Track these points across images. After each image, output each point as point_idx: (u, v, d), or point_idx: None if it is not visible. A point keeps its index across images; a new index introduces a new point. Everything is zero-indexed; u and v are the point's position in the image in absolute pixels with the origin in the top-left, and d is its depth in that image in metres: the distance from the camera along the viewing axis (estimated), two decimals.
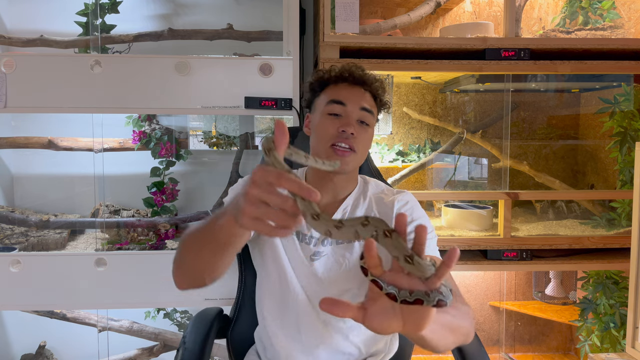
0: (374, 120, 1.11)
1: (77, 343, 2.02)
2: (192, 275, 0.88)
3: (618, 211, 1.86)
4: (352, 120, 1.05)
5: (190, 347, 1.07)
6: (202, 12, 2.03)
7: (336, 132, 1.03)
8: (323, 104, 1.09)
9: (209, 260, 0.82)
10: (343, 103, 1.06)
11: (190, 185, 2.04)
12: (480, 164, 2.11)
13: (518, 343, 2.22)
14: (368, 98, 1.09)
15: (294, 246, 1.07)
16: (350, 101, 1.06)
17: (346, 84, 1.09)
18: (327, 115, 1.06)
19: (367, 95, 1.09)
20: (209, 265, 0.84)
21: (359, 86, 1.09)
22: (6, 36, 1.85)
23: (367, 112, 1.07)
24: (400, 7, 2.12)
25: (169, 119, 1.97)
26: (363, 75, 1.09)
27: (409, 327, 0.60)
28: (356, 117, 1.06)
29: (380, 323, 0.60)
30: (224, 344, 1.31)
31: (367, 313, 0.61)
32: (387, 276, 0.61)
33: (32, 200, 2.00)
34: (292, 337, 1.05)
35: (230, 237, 0.75)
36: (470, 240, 1.72)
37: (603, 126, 1.92)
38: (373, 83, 1.10)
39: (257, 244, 1.12)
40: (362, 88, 1.09)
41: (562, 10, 1.99)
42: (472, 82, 1.81)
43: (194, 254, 0.84)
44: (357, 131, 1.04)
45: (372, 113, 1.09)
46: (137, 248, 1.77)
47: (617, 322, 1.79)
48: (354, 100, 1.06)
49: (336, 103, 1.06)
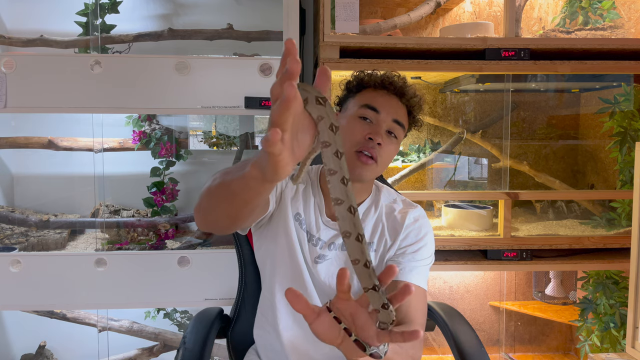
0: (403, 135, 1.08)
1: (77, 343, 2.02)
2: (213, 220, 0.85)
3: (618, 211, 1.86)
4: (381, 129, 1.02)
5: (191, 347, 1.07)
6: (202, 12, 2.03)
7: (363, 139, 1.01)
8: (356, 106, 1.06)
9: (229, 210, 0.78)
10: (377, 110, 1.03)
11: (190, 185, 2.04)
12: (480, 164, 2.11)
13: (518, 343, 2.22)
14: (402, 111, 1.06)
15: (305, 246, 1.06)
16: (385, 110, 1.03)
17: (384, 91, 1.06)
18: (357, 119, 1.04)
19: (403, 108, 1.07)
20: (230, 216, 0.80)
21: (396, 97, 1.06)
22: (6, 36, 1.85)
23: (398, 124, 1.04)
24: (400, 7, 2.12)
25: (169, 119, 1.97)
26: (404, 87, 1.06)
27: (344, 351, 0.70)
28: (386, 127, 1.03)
29: (324, 333, 0.68)
30: (224, 344, 1.31)
31: (318, 319, 0.68)
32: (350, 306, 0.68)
33: (32, 200, 2.00)
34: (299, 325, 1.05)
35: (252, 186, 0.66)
36: (470, 240, 1.72)
37: (603, 126, 1.92)
38: (412, 97, 1.07)
39: (266, 241, 1.10)
40: (400, 100, 1.06)
41: (562, 10, 1.99)
42: (472, 82, 1.82)
43: (214, 204, 0.79)
44: (384, 142, 1.01)
45: (403, 127, 1.06)
46: (137, 248, 1.77)
47: (617, 322, 1.79)
48: (388, 109, 1.04)
49: (370, 109, 1.03)
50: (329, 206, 1.07)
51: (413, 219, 1.08)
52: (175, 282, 1.62)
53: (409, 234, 1.07)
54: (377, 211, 1.09)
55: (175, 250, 1.73)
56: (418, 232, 1.07)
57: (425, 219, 1.11)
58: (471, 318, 2.19)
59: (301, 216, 1.06)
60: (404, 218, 1.07)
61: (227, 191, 0.73)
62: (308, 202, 1.08)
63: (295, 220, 1.06)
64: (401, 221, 1.07)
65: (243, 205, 0.73)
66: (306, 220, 1.06)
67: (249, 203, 0.73)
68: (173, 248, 1.77)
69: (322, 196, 1.08)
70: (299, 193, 1.08)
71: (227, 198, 0.74)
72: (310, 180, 1.11)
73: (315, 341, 0.71)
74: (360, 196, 1.09)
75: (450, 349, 1.09)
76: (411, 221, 1.08)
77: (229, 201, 0.74)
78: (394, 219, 1.09)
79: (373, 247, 1.08)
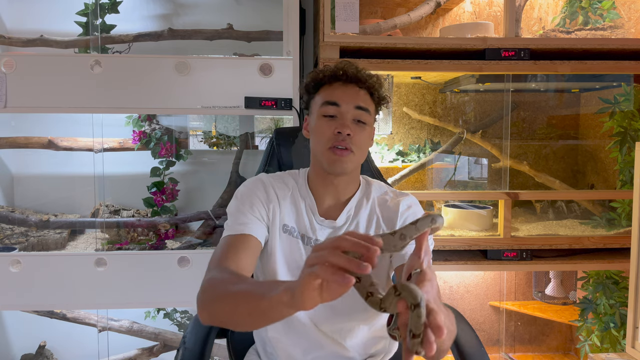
0: (372, 118, 1.08)
1: (77, 343, 2.02)
2: (221, 322, 0.87)
3: (618, 211, 1.86)
4: (347, 120, 1.02)
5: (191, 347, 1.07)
6: (202, 12, 2.03)
7: (332, 135, 1.02)
8: (318, 105, 1.06)
9: (244, 320, 0.82)
10: (337, 104, 1.03)
11: (190, 185, 2.04)
12: (480, 164, 2.11)
13: (518, 343, 2.22)
14: (363, 96, 1.06)
15: (299, 252, 1.05)
16: (344, 101, 1.03)
17: (340, 83, 1.06)
18: (322, 118, 1.04)
19: (362, 92, 1.06)
20: (242, 325, 0.85)
21: (353, 84, 1.05)
22: (6, 36, 1.85)
23: (362, 110, 1.04)
24: (400, 7, 2.12)
25: (169, 119, 1.97)
26: (357, 72, 1.05)
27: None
28: (352, 117, 1.03)
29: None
30: (224, 344, 1.31)
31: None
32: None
33: (32, 200, 2.00)
34: (292, 342, 1.05)
35: (276, 308, 0.74)
36: (470, 240, 1.72)
37: (603, 126, 1.92)
38: (368, 80, 1.06)
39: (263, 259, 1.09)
40: (357, 86, 1.05)
41: (562, 10, 1.99)
42: (472, 82, 1.81)
43: (231, 309, 0.82)
44: (353, 131, 1.02)
45: (369, 111, 1.06)
46: (137, 248, 1.77)
47: (617, 322, 1.79)
48: (348, 99, 1.04)
49: (330, 104, 1.04)
50: (321, 206, 1.07)
51: (406, 206, 1.08)
52: (175, 282, 1.62)
53: (406, 220, 1.07)
54: (368, 203, 1.09)
55: (175, 250, 1.73)
56: (414, 217, 1.07)
57: (418, 206, 1.11)
58: (471, 318, 2.19)
59: (288, 226, 1.06)
60: (397, 206, 1.08)
61: (251, 306, 0.78)
62: (298, 207, 1.07)
63: (284, 232, 1.05)
64: (395, 209, 1.08)
65: (264, 320, 0.78)
66: (298, 225, 1.06)
67: (270, 320, 0.77)
68: (173, 248, 1.77)
69: (312, 197, 1.08)
70: (285, 202, 1.07)
71: (252, 314, 0.78)
72: (297, 184, 1.10)
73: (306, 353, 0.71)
74: (349, 189, 1.09)
75: (450, 349, 1.09)
76: (405, 208, 1.08)
77: (252, 316, 0.78)
78: (387, 209, 1.09)
79: None
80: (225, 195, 1.90)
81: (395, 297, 0.63)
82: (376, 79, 1.08)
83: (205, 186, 2.06)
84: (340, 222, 1.06)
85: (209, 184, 2.05)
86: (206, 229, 1.87)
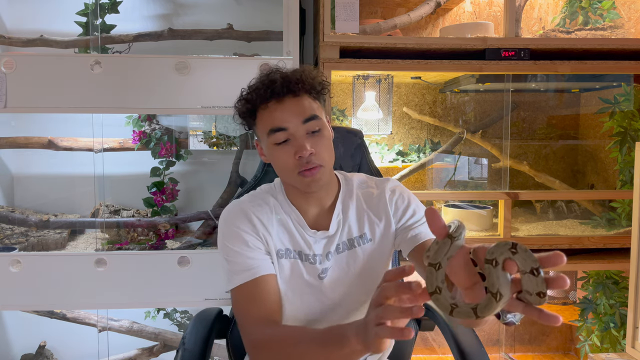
0: (322, 116, 0.99)
1: (77, 343, 2.02)
2: None
3: (618, 211, 1.86)
4: (301, 140, 0.94)
5: (190, 348, 1.07)
6: (202, 12, 2.03)
7: (294, 161, 0.94)
8: (264, 134, 0.97)
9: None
10: (283, 128, 0.94)
11: (190, 185, 2.04)
12: (480, 164, 2.11)
13: (518, 343, 2.22)
14: (304, 102, 0.96)
15: (299, 271, 1.02)
16: (289, 121, 0.94)
17: (274, 101, 0.95)
18: (275, 147, 0.96)
19: (302, 99, 0.96)
20: None
21: (288, 96, 0.95)
22: (6, 36, 1.85)
23: (311, 120, 0.95)
24: (400, 7, 2.12)
25: (169, 119, 1.97)
26: (283, 81, 0.95)
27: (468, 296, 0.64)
28: (304, 133, 0.95)
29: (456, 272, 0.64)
30: (224, 344, 1.31)
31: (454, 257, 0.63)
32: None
33: (32, 200, 2.00)
34: None
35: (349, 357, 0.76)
36: (470, 240, 1.72)
37: (603, 126, 1.92)
38: (299, 82, 0.95)
39: None
40: (292, 96, 0.95)
41: (562, 10, 1.99)
42: (472, 82, 1.81)
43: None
44: (313, 145, 0.94)
45: (317, 116, 0.96)
46: (137, 248, 1.77)
47: (617, 322, 1.79)
48: (291, 118, 0.94)
49: (276, 131, 0.95)
50: (307, 217, 1.04)
51: (391, 191, 1.07)
52: (175, 282, 1.62)
53: (396, 203, 1.06)
54: (354, 202, 1.06)
55: (175, 250, 1.73)
56: (402, 198, 1.06)
57: (401, 186, 1.09)
58: None
59: (282, 250, 1.02)
60: (383, 193, 1.06)
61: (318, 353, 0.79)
62: (286, 226, 1.03)
63: (280, 258, 1.01)
64: (382, 199, 1.05)
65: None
66: (293, 245, 1.02)
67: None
68: (173, 248, 1.77)
69: (296, 211, 1.04)
70: (272, 227, 1.02)
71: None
72: (278, 200, 1.05)
73: None
74: (330, 193, 1.05)
75: (450, 349, 1.09)
76: (390, 193, 1.06)
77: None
78: (374, 202, 1.06)
79: (367, 238, 1.04)
80: (225, 195, 1.90)
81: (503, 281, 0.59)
82: (306, 72, 0.97)
83: (205, 186, 2.06)
84: (333, 230, 1.03)
85: (209, 184, 2.05)
86: (206, 229, 1.87)
